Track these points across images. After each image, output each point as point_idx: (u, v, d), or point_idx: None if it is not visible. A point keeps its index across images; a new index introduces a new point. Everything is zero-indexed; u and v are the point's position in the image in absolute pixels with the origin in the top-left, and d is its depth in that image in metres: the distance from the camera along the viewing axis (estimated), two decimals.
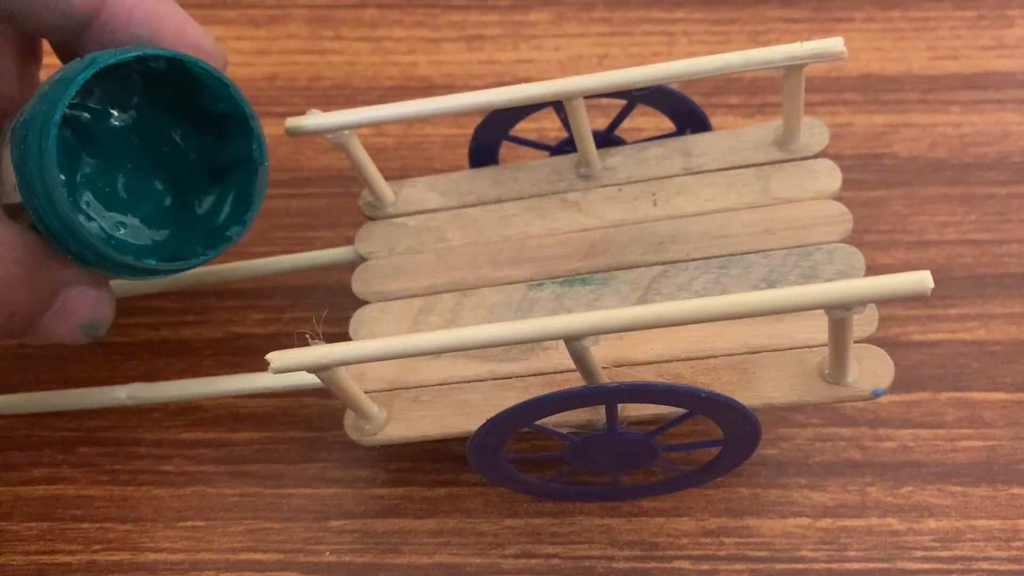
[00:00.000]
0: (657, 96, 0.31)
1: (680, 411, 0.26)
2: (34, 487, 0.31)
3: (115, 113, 0.27)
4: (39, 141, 0.24)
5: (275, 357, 0.24)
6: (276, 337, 0.34)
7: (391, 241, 0.31)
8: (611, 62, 0.39)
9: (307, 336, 0.25)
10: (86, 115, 0.27)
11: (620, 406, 0.26)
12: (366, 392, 0.27)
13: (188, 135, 0.28)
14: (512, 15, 0.41)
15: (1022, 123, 0.37)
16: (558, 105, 0.30)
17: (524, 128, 0.33)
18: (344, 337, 0.28)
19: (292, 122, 0.29)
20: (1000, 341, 0.32)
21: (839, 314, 0.23)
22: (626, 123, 0.32)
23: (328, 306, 0.32)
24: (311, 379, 0.26)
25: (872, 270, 0.30)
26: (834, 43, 0.27)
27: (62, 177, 0.25)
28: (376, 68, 0.40)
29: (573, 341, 0.24)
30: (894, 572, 0.28)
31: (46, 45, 0.29)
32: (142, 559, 0.30)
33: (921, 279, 0.22)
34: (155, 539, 0.30)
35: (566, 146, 0.32)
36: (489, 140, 0.32)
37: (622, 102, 0.31)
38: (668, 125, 0.32)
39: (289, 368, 0.24)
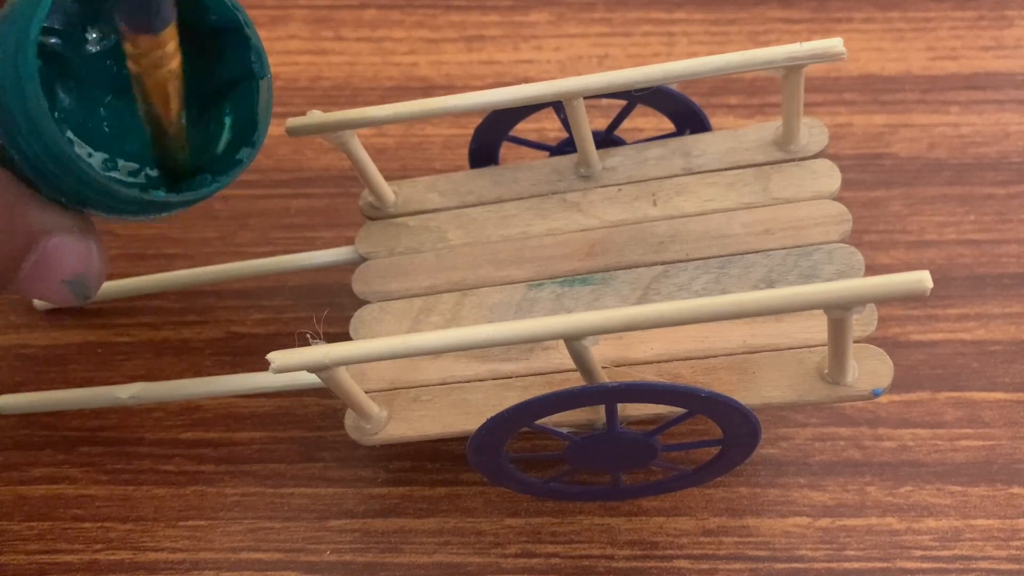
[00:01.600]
0: (657, 96, 0.31)
1: (680, 411, 0.26)
2: (35, 487, 0.31)
3: (89, 37, 0.24)
4: (15, 66, 0.21)
5: (276, 357, 0.24)
6: (276, 337, 0.34)
7: (391, 241, 0.31)
8: (611, 62, 0.40)
9: (307, 336, 0.25)
10: (55, 39, 0.23)
11: (620, 406, 0.26)
12: (366, 392, 0.27)
13: None
14: (512, 15, 0.41)
15: (1021, 123, 0.37)
16: (558, 105, 0.30)
17: (524, 128, 0.33)
18: (344, 337, 0.28)
19: (292, 122, 0.29)
20: (999, 341, 0.32)
21: (838, 314, 0.23)
22: (626, 123, 0.32)
23: (328, 306, 0.32)
24: (311, 379, 0.26)
25: (872, 270, 0.30)
26: (833, 44, 0.27)
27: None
28: (376, 68, 0.40)
29: (573, 341, 0.24)
30: (893, 571, 0.28)
31: None
32: (143, 558, 0.30)
33: (920, 279, 0.22)
34: (156, 538, 0.30)
35: (566, 146, 0.32)
36: (489, 140, 0.32)
37: (622, 102, 0.31)
38: (668, 125, 0.32)
39: (290, 368, 0.24)
